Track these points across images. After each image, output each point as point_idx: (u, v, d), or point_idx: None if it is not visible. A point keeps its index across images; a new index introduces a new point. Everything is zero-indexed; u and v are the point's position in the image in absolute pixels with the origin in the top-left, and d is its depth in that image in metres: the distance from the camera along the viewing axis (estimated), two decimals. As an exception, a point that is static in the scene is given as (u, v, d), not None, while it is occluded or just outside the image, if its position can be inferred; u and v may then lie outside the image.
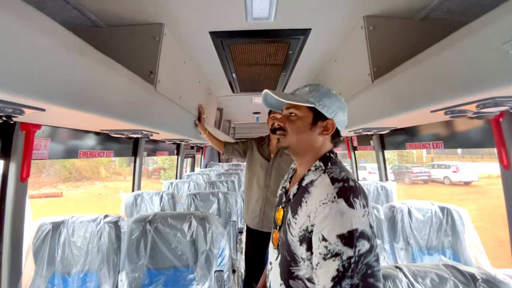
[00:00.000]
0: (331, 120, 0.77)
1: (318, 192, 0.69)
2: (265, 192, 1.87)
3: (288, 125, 0.79)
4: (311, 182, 0.73)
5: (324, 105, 0.76)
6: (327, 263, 0.61)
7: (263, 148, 1.96)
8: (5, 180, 1.32)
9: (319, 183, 0.71)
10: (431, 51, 0.92)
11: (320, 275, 0.62)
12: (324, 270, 0.61)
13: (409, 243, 1.65)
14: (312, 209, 0.67)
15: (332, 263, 0.60)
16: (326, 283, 0.60)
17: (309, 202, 0.69)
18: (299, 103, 0.76)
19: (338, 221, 0.61)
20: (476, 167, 14.03)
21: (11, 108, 0.75)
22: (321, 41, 1.59)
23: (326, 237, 0.62)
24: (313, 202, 0.68)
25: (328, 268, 0.60)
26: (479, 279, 0.84)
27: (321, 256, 0.62)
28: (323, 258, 0.61)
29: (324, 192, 0.67)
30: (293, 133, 0.78)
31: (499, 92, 0.78)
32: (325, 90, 0.78)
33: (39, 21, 0.65)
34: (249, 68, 2.00)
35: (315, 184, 0.71)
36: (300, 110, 0.78)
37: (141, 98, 1.21)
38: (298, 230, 0.69)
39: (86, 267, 1.40)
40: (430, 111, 1.10)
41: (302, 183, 0.75)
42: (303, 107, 0.77)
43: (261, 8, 1.21)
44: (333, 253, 0.60)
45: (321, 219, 0.64)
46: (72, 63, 0.77)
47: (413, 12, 1.26)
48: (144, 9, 1.20)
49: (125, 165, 21.04)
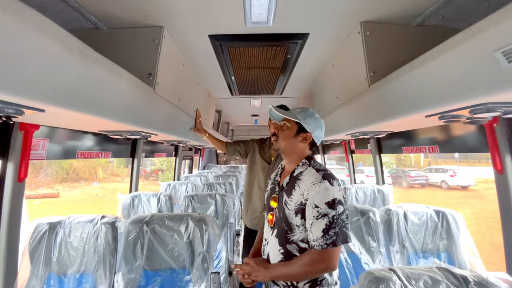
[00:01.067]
0: (309, 134, 1.09)
1: (307, 178, 1.00)
2: (260, 194, 1.93)
3: (280, 133, 1.11)
4: (300, 173, 1.05)
5: (306, 123, 1.07)
6: (318, 221, 0.93)
7: (264, 151, 2.00)
8: (3, 180, 1.32)
9: (307, 173, 1.03)
10: (425, 57, 0.94)
11: (314, 230, 0.94)
12: (316, 227, 0.93)
13: (405, 246, 1.66)
14: (305, 189, 0.99)
15: (322, 221, 0.93)
16: (319, 233, 0.92)
17: (301, 185, 1.01)
18: (290, 117, 1.07)
19: (325, 194, 0.94)
20: (473, 171, 14.07)
21: (11, 109, 0.75)
22: (319, 45, 1.61)
23: (317, 204, 0.94)
24: (304, 185, 1.00)
25: (319, 225, 0.93)
26: (471, 282, 0.85)
27: (314, 218, 0.94)
28: (316, 218, 0.93)
29: (313, 177, 0.99)
30: (282, 138, 1.10)
31: (491, 98, 0.80)
32: (311, 113, 1.10)
33: (40, 23, 0.66)
34: (247, 71, 2.02)
35: (304, 174, 1.03)
36: (290, 123, 1.09)
37: (140, 100, 1.22)
38: (294, 205, 1.00)
39: (82, 268, 1.40)
40: (424, 115, 1.12)
41: (293, 174, 1.06)
42: (293, 121, 1.09)
43: (260, 13, 1.22)
44: (323, 214, 0.93)
45: (313, 194, 0.95)
46: (72, 64, 0.78)
47: (409, 18, 1.28)
48: (145, 12, 1.22)
49: (122, 166, 20.94)
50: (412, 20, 1.28)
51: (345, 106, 1.68)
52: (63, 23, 1.18)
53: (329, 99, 2.07)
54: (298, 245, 1.00)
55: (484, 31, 0.68)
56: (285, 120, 1.10)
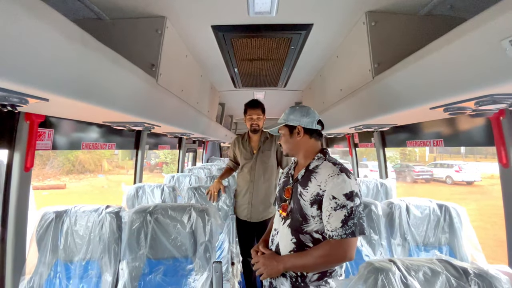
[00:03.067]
0: (299, 126, 1.12)
1: (324, 171, 1.04)
2: (251, 186, 2.07)
3: (282, 141, 1.18)
4: (316, 166, 1.09)
5: (289, 120, 1.13)
6: (337, 212, 0.96)
7: (244, 147, 2.13)
8: (10, 169, 1.35)
9: (324, 166, 1.06)
10: (430, 47, 0.92)
11: (332, 221, 0.96)
12: (335, 218, 0.96)
13: (406, 239, 1.66)
14: (322, 180, 1.02)
15: (340, 212, 0.95)
16: (337, 224, 0.95)
17: (317, 178, 1.04)
18: (277, 127, 1.16)
19: (343, 186, 0.97)
20: (479, 167, 13.90)
21: (15, 98, 0.76)
22: (323, 36, 1.58)
23: (335, 196, 0.97)
24: (321, 177, 1.03)
25: (338, 215, 0.95)
26: (471, 274, 0.85)
27: (332, 209, 0.97)
28: (334, 210, 0.96)
29: (330, 170, 1.03)
30: (284, 144, 1.17)
31: (497, 89, 0.79)
32: (290, 110, 1.15)
33: (42, 12, 0.66)
34: (251, 63, 2.01)
35: (320, 167, 1.07)
36: (282, 129, 1.16)
37: (143, 90, 1.22)
38: (310, 196, 1.03)
39: (88, 255, 1.43)
40: (429, 108, 1.10)
41: (309, 168, 1.10)
42: (282, 127, 1.16)
43: (263, 2, 1.21)
44: (341, 205, 0.96)
45: (331, 186, 0.99)
46: (75, 54, 0.79)
47: (416, 8, 1.25)
48: (147, 2, 1.21)
49: (127, 158, 21.13)
50: (419, 10, 1.25)
51: (349, 99, 1.66)
52: (65, 13, 1.18)
53: (333, 91, 2.04)
54: (312, 235, 1.02)
55: (490, 19, 0.66)
56: (280, 130, 1.18)
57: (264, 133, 2.12)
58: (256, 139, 2.12)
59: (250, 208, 2.09)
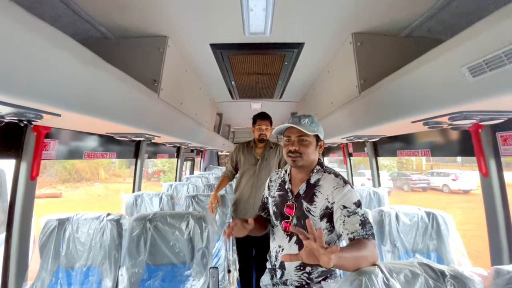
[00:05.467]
0: (323, 141, 1.15)
1: (328, 184, 1.07)
2: (254, 192, 2.14)
3: (302, 149, 1.09)
4: (318, 180, 1.10)
5: (319, 132, 1.11)
6: (351, 218, 0.97)
7: (250, 153, 2.22)
8: (16, 178, 1.41)
9: (326, 178, 1.09)
10: (408, 68, 1.02)
11: (349, 226, 0.96)
12: (351, 223, 0.96)
13: (396, 246, 1.73)
14: (328, 193, 1.05)
15: (355, 217, 0.97)
16: (357, 227, 0.95)
17: (322, 191, 1.07)
18: (311, 133, 1.08)
19: (350, 195, 1.01)
20: (475, 175, 14.01)
21: (32, 114, 0.85)
22: (314, 54, 1.70)
23: (346, 205, 0.99)
24: (326, 190, 1.06)
25: (354, 220, 0.96)
26: (448, 275, 0.92)
27: (345, 216, 0.98)
28: (347, 216, 0.97)
29: (334, 182, 1.06)
30: (307, 154, 1.09)
31: (465, 107, 0.88)
32: (316, 120, 1.13)
33: (59, 39, 0.75)
34: (247, 76, 2.11)
35: (322, 180, 1.09)
36: (309, 137, 1.10)
37: (145, 104, 1.31)
38: (319, 210, 1.05)
39: (89, 261, 1.48)
40: (410, 121, 1.20)
41: (310, 181, 1.11)
42: (312, 135, 1.10)
43: (257, 24, 1.31)
44: (353, 212, 0.98)
45: (340, 197, 1.01)
46: (86, 74, 0.88)
47: (397, 30, 1.37)
48: (150, 22, 1.32)
49: (124, 167, 21.03)
50: (400, 32, 1.37)
51: (340, 111, 1.76)
52: (75, 33, 1.29)
53: (325, 104, 2.15)
54: None
55: (453, 47, 0.77)
56: (304, 135, 1.09)
57: (268, 143, 2.23)
58: (261, 146, 2.23)
59: (252, 213, 2.11)
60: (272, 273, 1.18)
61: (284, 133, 1.14)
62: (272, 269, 1.18)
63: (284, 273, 1.12)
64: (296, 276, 1.10)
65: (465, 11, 1.11)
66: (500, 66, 0.63)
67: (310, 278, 1.09)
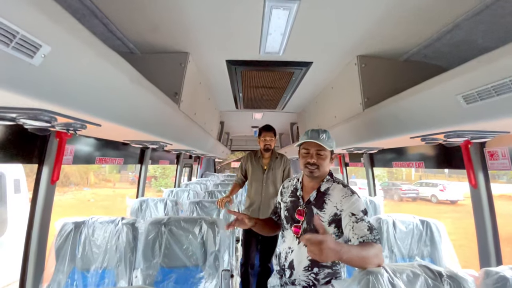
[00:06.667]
0: (335, 154, 1.21)
1: (337, 193, 1.18)
2: (260, 198, 2.35)
3: (320, 162, 1.20)
4: (328, 189, 1.22)
5: (332, 146, 1.22)
6: (359, 224, 1.06)
7: (258, 163, 2.40)
8: (38, 182, 1.47)
9: (335, 188, 1.20)
10: (409, 92, 1.16)
11: (358, 231, 1.04)
12: (359, 228, 1.05)
13: (393, 252, 1.85)
14: (337, 201, 1.16)
15: (362, 223, 1.06)
16: (365, 232, 1.03)
17: (332, 199, 1.18)
18: (329, 148, 1.20)
19: (357, 204, 1.11)
20: (461, 186, 14.46)
21: (79, 124, 0.94)
22: (321, 72, 1.84)
23: (354, 213, 1.09)
24: (335, 198, 1.17)
25: (362, 226, 1.05)
26: (444, 275, 1.04)
27: (354, 222, 1.07)
28: (356, 222, 1.06)
29: (343, 191, 1.17)
30: (324, 167, 1.21)
31: (458, 127, 1.03)
32: (331, 136, 1.24)
33: (110, 56, 0.84)
34: (255, 89, 2.25)
35: (331, 189, 1.21)
36: (326, 151, 1.21)
37: (168, 115, 1.41)
38: (328, 216, 1.16)
39: (105, 264, 1.54)
40: (409, 137, 1.34)
41: (320, 190, 1.22)
42: (327, 149, 1.21)
43: (273, 46, 1.45)
44: (361, 219, 1.07)
45: (348, 205, 1.12)
46: (130, 89, 0.98)
47: (397, 55, 1.52)
48: (176, 40, 1.43)
49: (115, 171, 20.63)
50: (400, 56, 1.53)
51: (342, 125, 1.90)
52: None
53: (327, 117, 2.29)
54: None
55: (450, 79, 0.91)
56: (322, 150, 1.20)
57: (274, 153, 2.40)
58: (267, 156, 2.39)
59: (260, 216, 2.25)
60: (281, 273, 1.28)
61: (302, 145, 1.25)
62: (281, 269, 1.27)
63: (292, 273, 1.21)
64: (304, 276, 1.19)
65: (457, 42, 1.27)
66: (490, 97, 0.77)
67: (317, 279, 1.18)
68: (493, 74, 0.73)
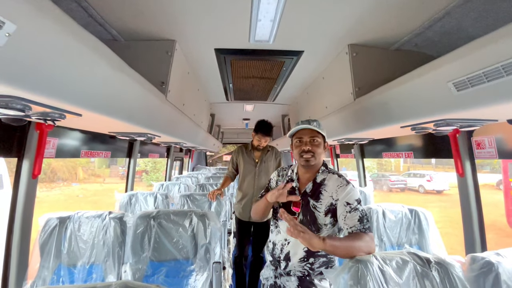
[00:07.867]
0: (327, 143, 1.25)
1: (332, 183, 1.19)
2: (252, 190, 2.36)
3: (314, 149, 1.20)
4: (323, 179, 1.22)
5: (324, 133, 1.22)
6: (351, 214, 1.08)
7: (249, 156, 2.40)
8: (18, 176, 1.40)
9: (331, 178, 1.21)
10: (400, 80, 1.15)
11: (349, 221, 1.07)
12: (351, 218, 1.07)
13: (383, 240, 1.88)
14: (333, 191, 1.17)
15: (355, 213, 1.08)
16: (355, 222, 1.06)
17: (327, 189, 1.18)
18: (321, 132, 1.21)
19: (352, 193, 1.13)
20: (447, 176, 14.91)
21: (57, 114, 0.88)
22: (312, 61, 1.81)
23: (349, 202, 1.11)
24: (331, 188, 1.18)
25: (354, 216, 1.07)
26: (432, 262, 1.06)
27: (347, 212, 1.09)
28: (349, 212, 1.09)
29: (338, 181, 1.18)
30: (319, 154, 1.21)
31: (448, 115, 1.03)
32: (319, 124, 1.23)
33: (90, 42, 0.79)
34: (246, 80, 2.20)
35: (327, 179, 1.21)
36: (320, 137, 1.21)
37: (154, 105, 1.36)
38: (324, 207, 1.16)
39: (92, 259, 1.50)
40: (400, 127, 1.34)
41: (316, 181, 1.22)
42: (321, 135, 1.21)
43: (263, 33, 1.40)
44: (354, 208, 1.09)
45: (343, 194, 1.13)
46: (112, 77, 0.92)
47: (388, 44, 1.51)
48: (161, 27, 1.37)
49: (104, 166, 20.21)
50: (391, 45, 1.51)
51: (334, 115, 1.89)
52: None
53: (319, 107, 2.28)
54: None
55: (441, 66, 0.90)
56: (316, 136, 1.20)
57: (266, 147, 2.40)
58: (259, 150, 2.40)
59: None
60: (276, 265, 1.27)
61: (294, 135, 1.24)
62: (276, 260, 1.26)
63: (288, 264, 1.21)
64: (299, 266, 1.19)
65: (447, 31, 1.27)
66: (481, 83, 0.77)
67: (312, 268, 1.19)
68: (485, 59, 0.72)
